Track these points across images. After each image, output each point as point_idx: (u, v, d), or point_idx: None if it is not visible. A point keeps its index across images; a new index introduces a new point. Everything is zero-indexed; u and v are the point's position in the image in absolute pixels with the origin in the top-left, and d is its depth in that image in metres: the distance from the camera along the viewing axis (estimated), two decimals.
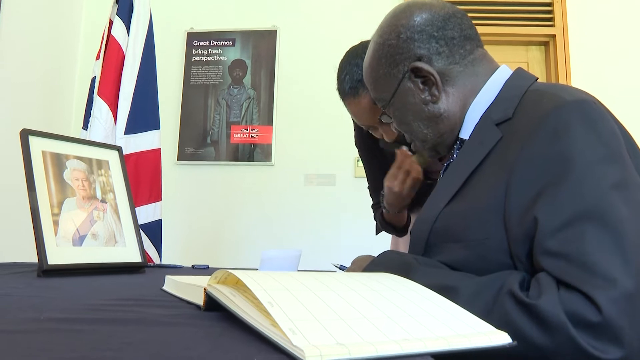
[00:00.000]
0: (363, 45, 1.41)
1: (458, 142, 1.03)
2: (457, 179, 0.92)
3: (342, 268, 1.30)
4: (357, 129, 1.69)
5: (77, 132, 2.72)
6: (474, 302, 0.73)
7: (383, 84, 1.05)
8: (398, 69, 1.02)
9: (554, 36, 3.54)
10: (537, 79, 0.97)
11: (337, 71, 1.47)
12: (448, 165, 1.04)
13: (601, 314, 0.64)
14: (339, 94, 1.46)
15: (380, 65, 1.04)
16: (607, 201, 0.72)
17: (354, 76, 1.38)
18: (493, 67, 1.01)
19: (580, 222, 0.71)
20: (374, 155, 1.70)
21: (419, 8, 1.02)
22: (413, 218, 1.70)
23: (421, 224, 0.96)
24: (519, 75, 0.98)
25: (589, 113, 0.79)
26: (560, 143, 0.77)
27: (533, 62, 3.63)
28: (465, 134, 1.00)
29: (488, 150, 0.89)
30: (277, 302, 0.52)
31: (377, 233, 1.90)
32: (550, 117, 0.80)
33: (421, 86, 1.00)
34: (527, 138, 0.81)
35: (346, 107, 1.46)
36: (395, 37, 1.01)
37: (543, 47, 3.64)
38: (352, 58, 1.42)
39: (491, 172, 0.86)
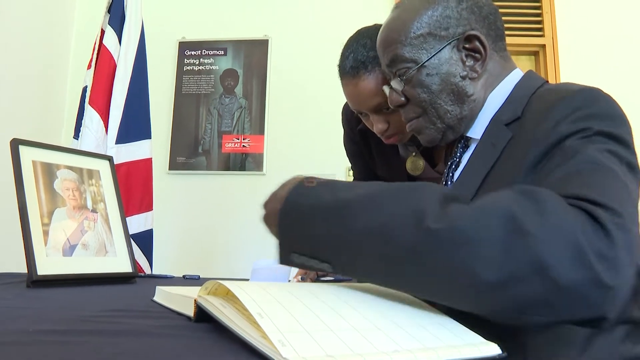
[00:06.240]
0: (376, 27, 1.32)
1: (462, 141, 1.02)
2: (474, 182, 0.89)
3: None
4: (348, 128, 1.65)
5: (68, 141, 2.71)
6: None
7: (422, 42, 0.99)
8: (447, 33, 0.98)
9: (543, 46, 3.57)
10: (547, 81, 0.97)
11: (342, 47, 1.38)
12: (452, 163, 1.02)
13: (606, 230, 0.58)
14: (339, 71, 1.37)
15: (428, 23, 0.99)
16: (605, 163, 0.69)
17: (358, 56, 1.30)
18: (511, 68, 1.02)
19: (582, 171, 0.69)
20: (362, 155, 1.65)
21: None
22: None
23: None
24: (529, 78, 0.98)
25: (598, 96, 0.80)
26: (568, 125, 0.76)
27: (523, 71, 3.64)
28: (472, 132, 0.99)
29: (500, 150, 0.88)
30: (266, 314, 0.52)
31: None
32: (559, 106, 0.79)
33: (464, 58, 0.98)
34: (535, 130, 0.81)
35: (343, 87, 1.38)
36: (455, 1, 0.99)
37: (533, 57, 3.67)
38: (362, 38, 1.34)
39: (505, 172, 0.84)
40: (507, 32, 1.04)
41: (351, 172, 1.75)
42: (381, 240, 0.63)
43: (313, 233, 0.70)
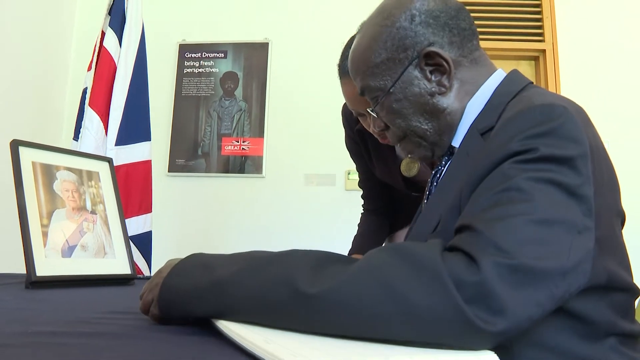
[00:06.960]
0: None
1: (448, 150, 0.99)
2: (449, 192, 0.86)
3: None
4: (347, 128, 1.65)
5: (68, 143, 2.71)
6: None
7: (383, 70, 0.96)
8: (406, 54, 0.94)
9: (543, 51, 3.57)
10: (531, 82, 0.93)
11: (342, 47, 1.38)
12: (436, 172, 1.00)
13: (480, 272, 0.58)
14: (338, 70, 1.36)
15: (384, 49, 0.95)
16: (531, 194, 0.66)
17: None
18: (490, 71, 0.97)
19: (499, 202, 0.67)
20: (362, 155, 1.65)
21: None
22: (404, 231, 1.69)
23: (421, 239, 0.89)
24: (510, 82, 0.94)
25: (555, 114, 0.73)
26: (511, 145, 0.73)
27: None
28: (455, 141, 0.96)
29: (473, 160, 0.84)
30: (272, 339, 0.53)
31: None
32: (515, 120, 0.76)
33: (429, 75, 0.93)
34: (493, 142, 0.78)
35: (341, 86, 1.37)
36: (407, 20, 0.93)
37: (533, 62, 3.67)
38: None
39: (467, 182, 0.80)
40: (507, 37, 1.02)
41: (350, 176, 1.75)
42: (259, 309, 0.64)
43: (193, 312, 0.71)
